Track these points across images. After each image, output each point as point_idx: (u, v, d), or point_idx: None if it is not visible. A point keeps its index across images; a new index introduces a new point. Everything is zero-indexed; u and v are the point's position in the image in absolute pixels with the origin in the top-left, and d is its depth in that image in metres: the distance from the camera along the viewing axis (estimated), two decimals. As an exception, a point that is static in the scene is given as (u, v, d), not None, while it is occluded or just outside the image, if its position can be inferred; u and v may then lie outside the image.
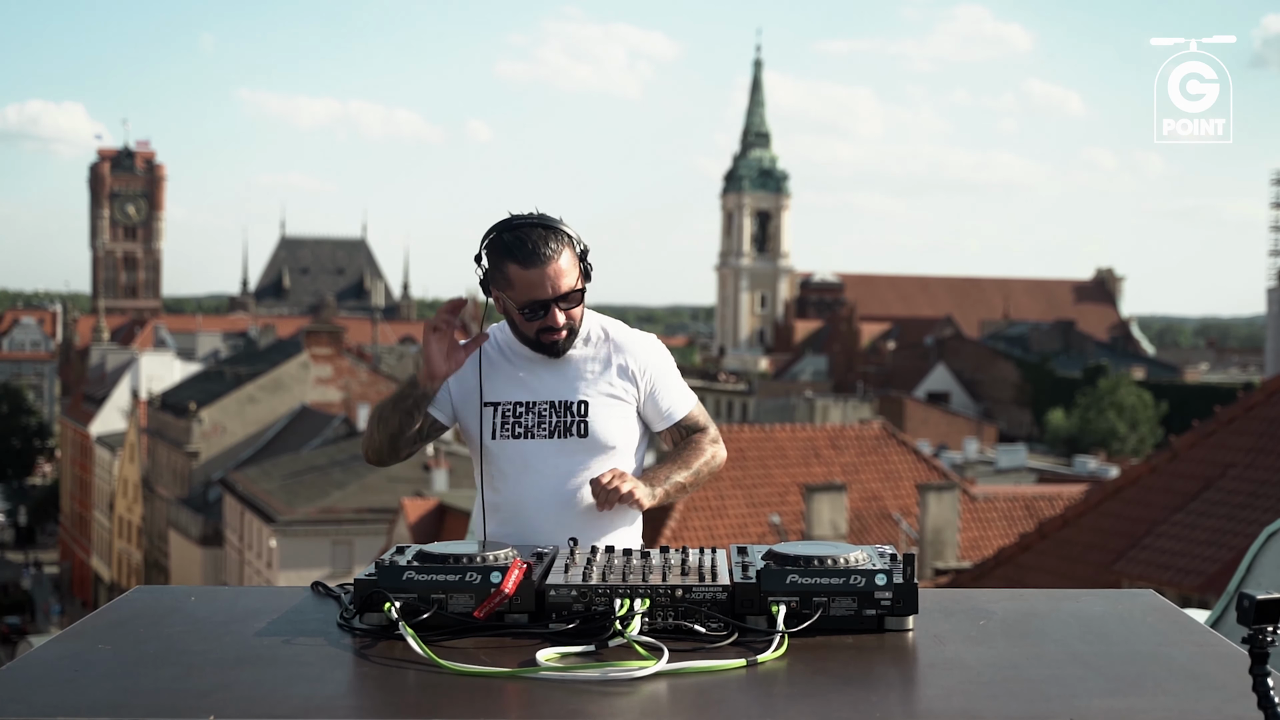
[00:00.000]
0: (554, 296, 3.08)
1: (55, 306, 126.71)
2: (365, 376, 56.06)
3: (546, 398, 3.19)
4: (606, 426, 3.19)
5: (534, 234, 3.07)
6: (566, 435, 3.18)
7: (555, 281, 3.07)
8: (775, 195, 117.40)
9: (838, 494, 25.18)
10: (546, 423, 3.18)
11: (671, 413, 3.30)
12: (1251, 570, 5.91)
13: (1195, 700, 2.13)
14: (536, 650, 2.31)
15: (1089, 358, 79.81)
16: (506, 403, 3.20)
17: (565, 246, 3.09)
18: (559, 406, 3.19)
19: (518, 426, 3.19)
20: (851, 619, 2.48)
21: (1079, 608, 2.75)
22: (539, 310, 3.10)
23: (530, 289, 3.08)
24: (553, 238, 3.08)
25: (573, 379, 3.21)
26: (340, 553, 38.18)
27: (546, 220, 3.10)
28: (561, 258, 3.08)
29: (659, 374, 3.29)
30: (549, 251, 3.06)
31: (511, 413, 3.20)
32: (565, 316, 3.12)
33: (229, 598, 2.89)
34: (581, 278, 3.14)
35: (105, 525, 65.92)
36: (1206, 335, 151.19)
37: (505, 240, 3.09)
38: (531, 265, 3.06)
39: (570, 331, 3.16)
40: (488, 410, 3.20)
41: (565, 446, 3.17)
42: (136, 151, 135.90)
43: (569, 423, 3.18)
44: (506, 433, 3.19)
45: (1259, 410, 18.34)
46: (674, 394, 3.31)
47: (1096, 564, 18.15)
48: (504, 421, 3.19)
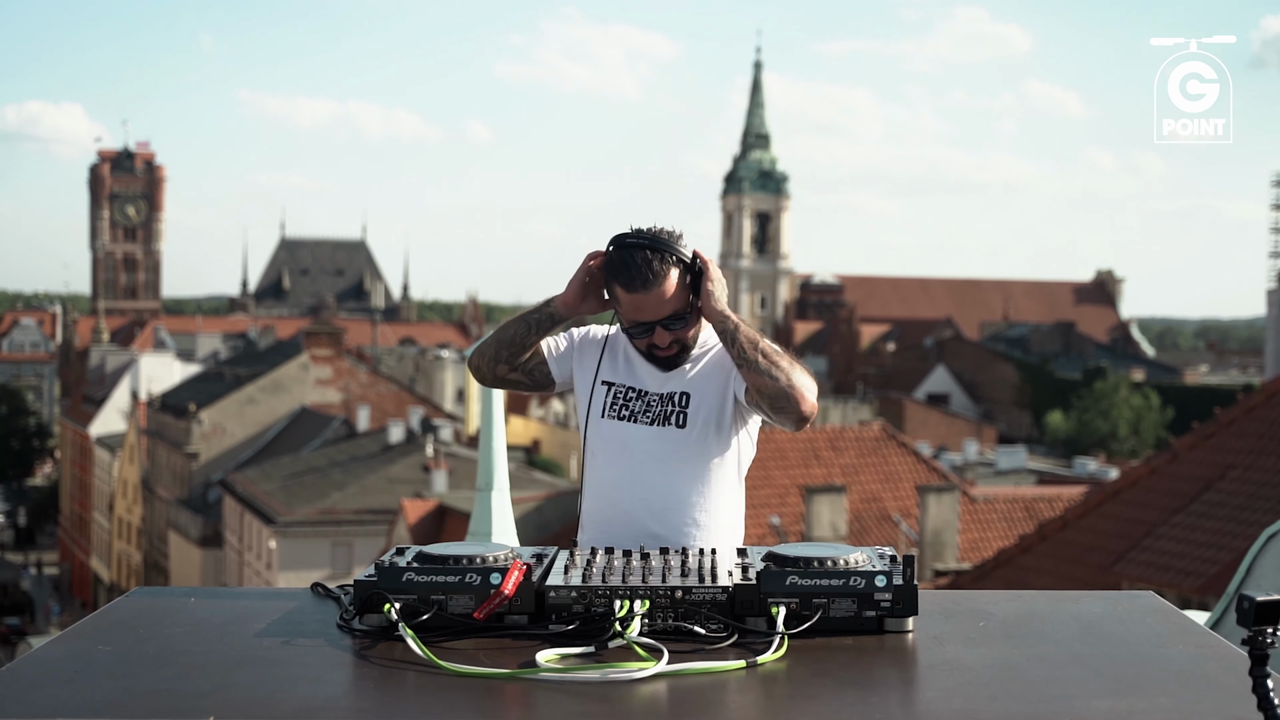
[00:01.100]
0: (657, 320, 3.09)
1: (55, 307, 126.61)
2: (365, 378, 56.09)
3: (656, 390, 3.22)
4: (705, 420, 3.18)
5: (639, 256, 3.05)
6: (665, 424, 3.18)
7: (658, 305, 3.07)
8: (775, 197, 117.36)
9: (837, 495, 25.20)
10: (651, 410, 3.20)
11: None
12: (1251, 572, 5.91)
13: (1195, 702, 2.13)
14: (536, 651, 2.31)
15: (1089, 359, 79.81)
16: (620, 385, 3.24)
17: (670, 268, 3.06)
18: (665, 398, 3.20)
19: (624, 410, 3.21)
20: (851, 620, 2.48)
21: (1079, 609, 2.75)
22: (643, 331, 3.13)
23: (633, 310, 3.10)
24: (658, 260, 3.05)
25: (684, 376, 3.22)
26: (340, 554, 38.17)
27: (656, 242, 3.07)
28: (667, 280, 3.06)
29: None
30: (651, 275, 3.05)
31: (623, 395, 3.23)
32: (672, 336, 3.13)
33: (229, 599, 2.89)
34: (691, 291, 3.11)
35: (105, 526, 65.92)
36: (1206, 337, 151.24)
37: (613, 259, 3.09)
38: (634, 289, 3.06)
39: (683, 349, 3.17)
40: (601, 389, 3.23)
41: (663, 435, 3.18)
42: (136, 152, 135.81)
43: (669, 412, 3.19)
44: (614, 413, 3.22)
45: (1259, 412, 18.34)
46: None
47: (1096, 565, 18.15)
48: (614, 402, 3.22)
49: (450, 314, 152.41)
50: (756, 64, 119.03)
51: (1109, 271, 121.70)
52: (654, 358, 3.19)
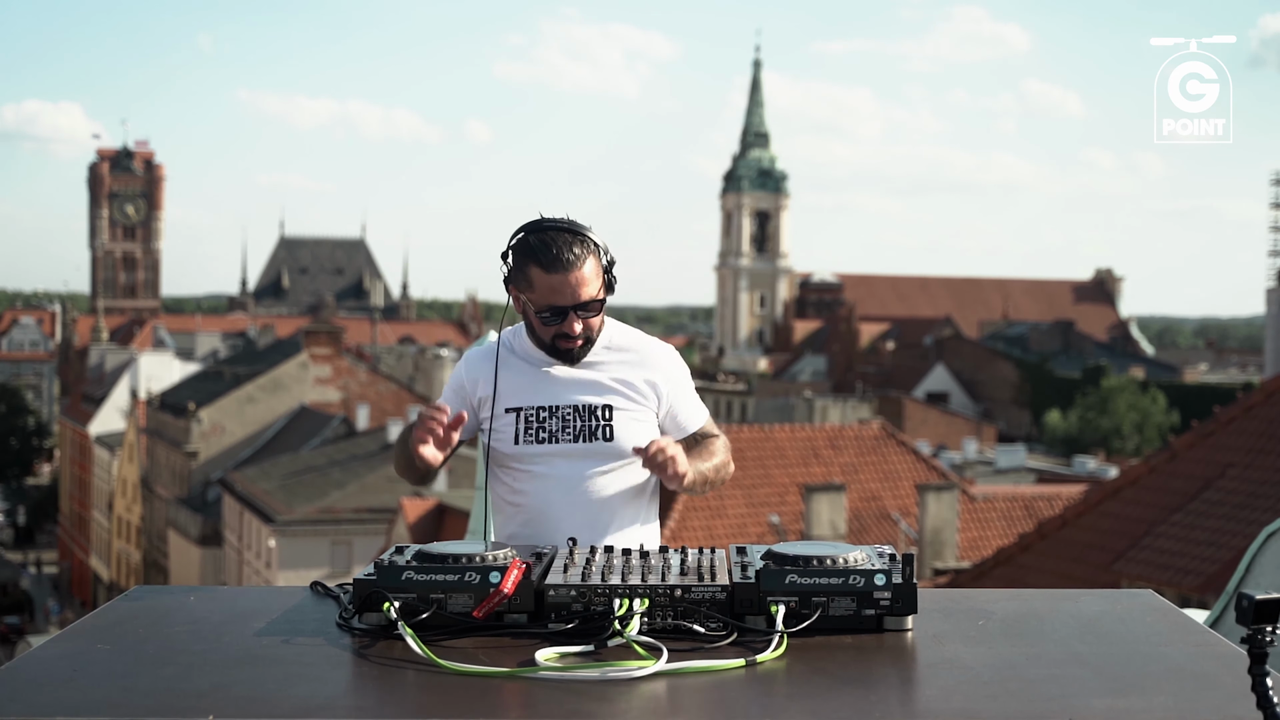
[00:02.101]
0: (573, 304, 3.07)
1: (54, 306, 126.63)
2: (364, 376, 56.08)
3: (570, 402, 3.16)
4: (631, 432, 3.16)
5: (560, 239, 3.05)
6: (591, 440, 3.14)
7: (576, 289, 3.06)
8: (774, 195, 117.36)
9: (837, 494, 25.19)
10: (571, 427, 3.15)
11: (688, 424, 3.28)
12: (1250, 570, 5.91)
13: (1194, 700, 2.13)
14: (535, 650, 2.31)
15: (1088, 358, 79.85)
16: (529, 407, 3.17)
17: (590, 255, 3.08)
18: (584, 411, 3.15)
19: (542, 431, 3.15)
20: (850, 619, 2.48)
21: (1078, 608, 2.75)
22: (557, 316, 3.09)
23: (550, 293, 3.06)
24: (578, 244, 3.06)
25: (596, 384, 3.18)
26: (339, 553, 38.18)
27: (575, 226, 3.09)
28: (585, 265, 3.06)
29: (679, 386, 3.28)
30: (572, 257, 3.04)
31: (535, 417, 3.16)
32: (583, 325, 3.10)
33: (228, 598, 2.89)
34: (604, 288, 3.12)
35: (104, 525, 65.92)
36: (1205, 335, 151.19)
37: (531, 242, 3.07)
38: (554, 270, 3.04)
39: (587, 340, 3.14)
40: (510, 416, 3.17)
41: (590, 451, 3.15)
42: (136, 151, 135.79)
43: (594, 427, 3.15)
44: (530, 438, 3.15)
45: (1258, 411, 18.36)
46: (691, 406, 3.31)
47: (1095, 564, 18.16)
48: (527, 426, 3.16)
49: (449, 313, 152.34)
50: (756, 63, 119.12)
51: (1108, 270, 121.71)
52: (556, 350, 3.14)
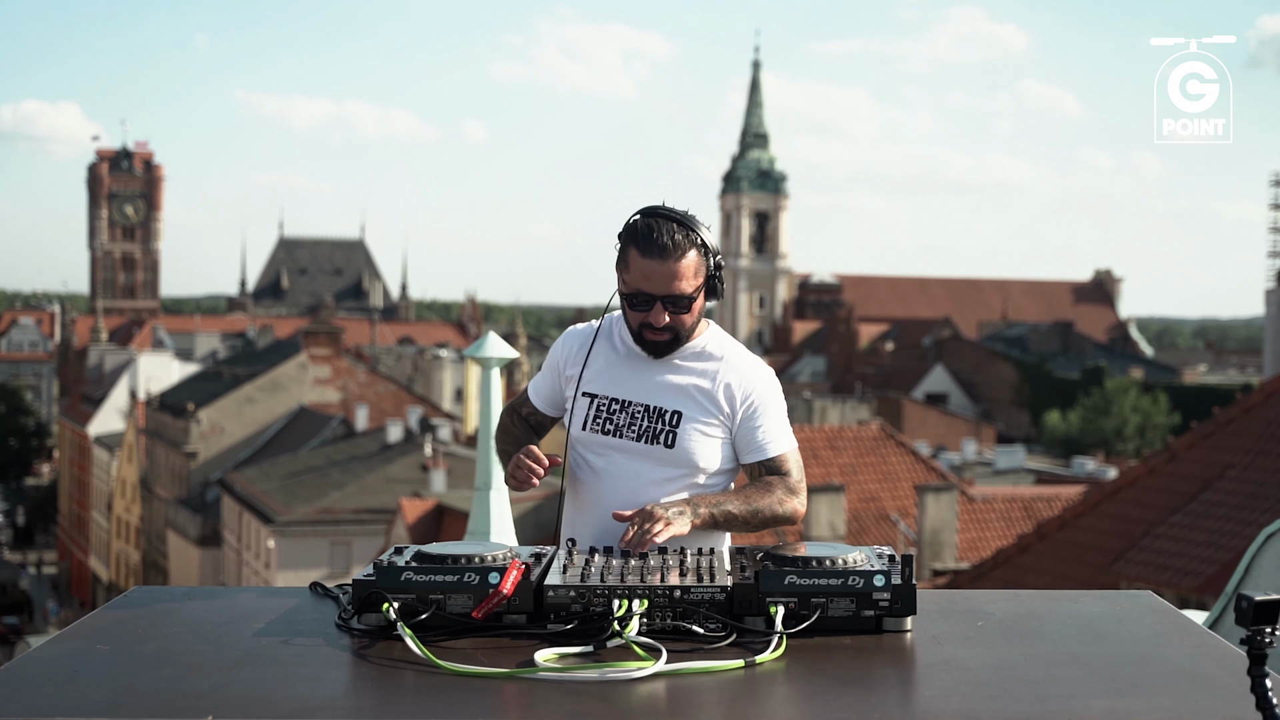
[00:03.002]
0: (662, 294, 3.01)
1: (53, 307, 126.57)
2: (363, 377, 56.07)
3: (643, 400, 3.12)
4: (694, 443, 3.09)
5: (665, 226, 3.00)
6: (653, 442, 3.10)
7: (669, 280, 2.99)
8: (774, 196, 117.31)
9: (836, 495, 25.18)
10: (637, 425, 3.11)
11: (764, 447, 3.12)
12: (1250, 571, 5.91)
13: (1193, 701, 2.13)
14: (535, 651, 2.31)
15: (1087, 359, 79.85)
16: (603, 396, 3.15)
17: (694, 249, 3.00)
18: (653, 412, 3.11)
19: (609, 423, 3.13)
20: (849, 620, 2.48)
21: (1077, 609, 2.75)
22: (644, 303, 3.03)
23: (642, 279, 3.01)
24: (682, 234, 2.99)
25: (674, 388, 3.12)
26: (338, 553, 38.15)
27: (687, 219, 3.02)
28: (684, 258, 2.99)
29: (763, 404, 3.13)
30: (671, 245, 2.98)
31: (606, 408, 3.14)
32: (671, 319, 3.04)
33: (227, 598, 2.89)
34: (703, 288, 3.04)
35: (103, 526, 65.88)
36: (1205, 336, 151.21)
37: (637, 225, 3.02)
38: (649, 255, 2.99)
39: (675, 337, 3.07)
40: (583, 400, 3.16)
41: (650, 453, 3.10)
42: (135, 152, 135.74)
43: (658, 430, 3.10)
44: (597, 427, 3.14)
45: (1257, 412, 18.35)
46: (772, 430, 3.13)
47: (1095, 565, 18.15)
48: (596, 414, 3.14)
49: (449, 313, 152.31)
50: (755, 63, 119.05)
51: (1107, 271, 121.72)
52: (643, 340, 3.10)
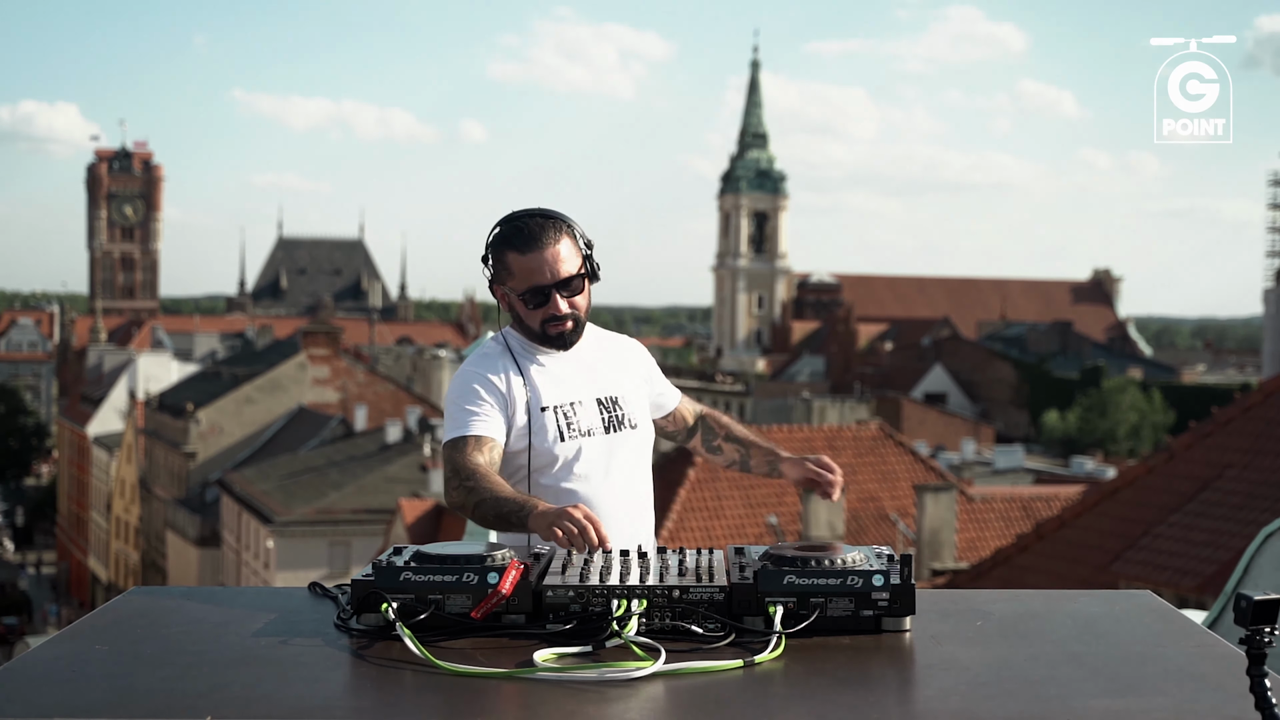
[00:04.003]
0: (554, 281, 3.07)
1: (52, 307, 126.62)
2: (362, 377, 56.06)
3: (591, 394, 3.19)
4: (643, 416, 3.28)
5: (532, 222, 3.09)
6: (619, 429, 3.18)
7: (554, 266, 3.07)
8: (773, 196, 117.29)
9: (835, 495, 25.16)
10: (600, 419, 3.17)
11: (668, 402, 3.42)
12: (1249, 571, 5.92)
13: (1192, 701, 2.13)
14: (533, 651, 2.30)
15: (1086, 358, 79.87)
16: (562, 403, 3.15)
17: (565, 235, 3.10)
18: (604, 402, 3.19)
19: (579, 426, 3.15)
20: (849, 620, 2.48)
21: (1076, 608, 2.75)
22: (540, 297, 3.08)
23: (529, 275, 3.07)
24: (551, 225, 3.09)
25: (602, 375, 3.21)
26: (337, 553, 38.15)
27: (544, 210, 3.12)
28: (561, 244, 3.08)
29: (652, 365, 3.39)
30: (546, 238, 3.07)
31: (565, 412, 3.15)
32: (569, 304, 3.10)
33: (226, 598, 2.88)
34: (584, 267, 3.13)
35: (103, 526, 65.87)
36: (1204, 336, 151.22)
37: (504, 231, 3.11)
38: (529, 250, 3.06)
39: (576, 322, 3.13)
40: (545, 414, 3.13)
41: (622, 441, 3.19)
42: (134, 152, 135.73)
43: (619, 416, 3.19)
44: (573, 434, 3.14)
45: (1256, 411, 18.35)
46: (666, 383, 3.43)
47: (1093, 565, 18.16)
48: (567, 423, 3.14)
49: (448, 313, 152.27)
50: (754, 63, 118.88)
51: (1106, 271, 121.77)
52: (547, 336, 3.12)
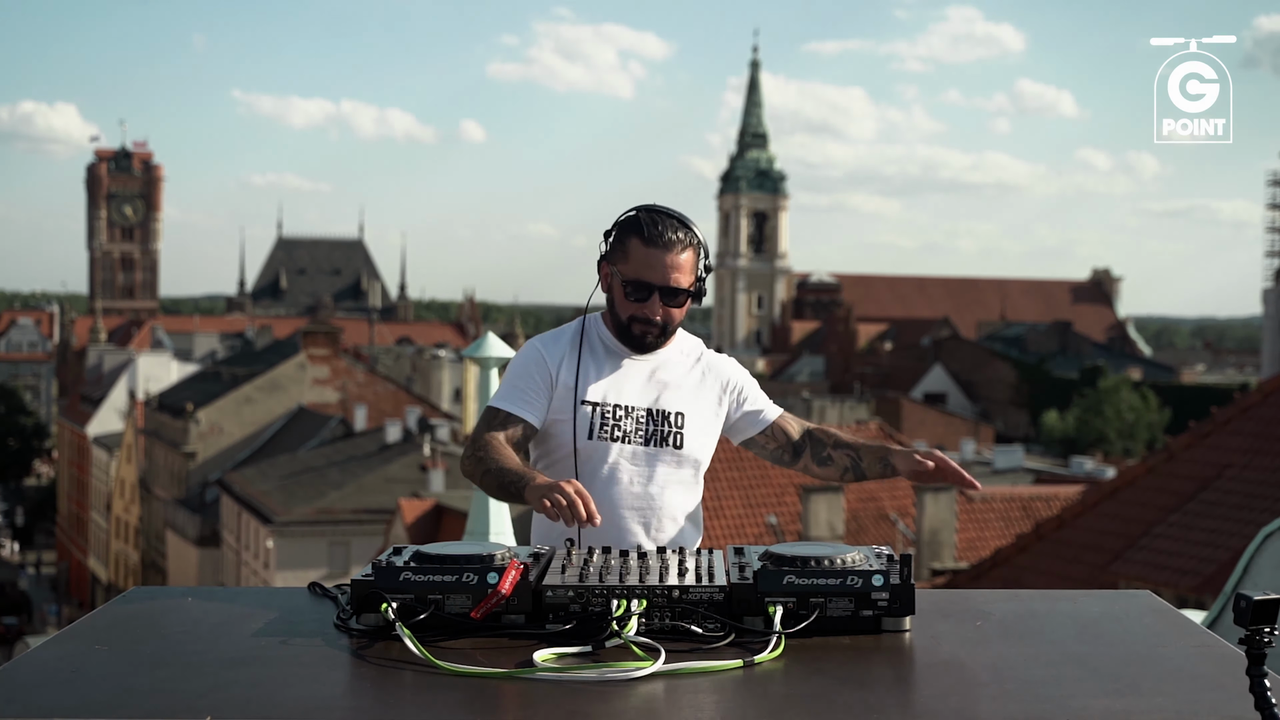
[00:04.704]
0: (662, 284, 3.06)
1: (52, 307, 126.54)
2: (362, 377, 56.06)
3: (644, 404, 3.16)
4: (699, 441, 3.20)
5: (669, 221, 3.08)
6: (662, 445, 3.15)
7: (669, 271, 3.06)
8: (772, 196, 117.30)
9: (835, 495, 25.19)
10: (644, 430, 3.15)
11: (769, 414, 3.30)
12: (1248, 571, 5.92)
13: (1192, 701, 2.13)
14: (533, 651, 2.30)
15: (1086, 358, 79.89)
16: (606, 404, 3.15)
17: (693, 249, 3.09)
18: (656, 415, 3.16)
19: (616, 430, 3.14)
20: (848, 620, 2.48)
21: (1076, 608, 2.75)
22: (643, 293, 3.08)
23: (644, 268, 3.07)
24: (684, 232, 3.08)
25: (670, 388, 3.18)
26: (337, 553, 38.15)
27: (686, 219, 3.11)
28: (684, 254, 3.08)
29: (748, 385, 3.31)
30: (675, 239, 3.06)
31: (611, 414, 3.15)
32: (664, 313, 3.10)
33: (226, 598, 2.88)
34: (696, 285, 3.12)
35: (102, 526, 65.86)
36: (1203, 336, 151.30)
37: (640, 217, 3.09)
38: (653, 245, 3.06)
39: (663, 332, 3.13)
40: (585, 409, 3.14)
41: (660, 455, 3.15)
42: (134, 152, 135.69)
43: (665, 433, 3.15)
44: (605, 435, 3.13)
45: (1255, 411, 18.36)
46: (764, 399, 3.33)
47: (1093, 565, 18.16)
48: (602, 423, 3.14)
49: (447, 313, 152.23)
50: (754, 63, 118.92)
51: (1106, 271, 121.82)
52: (630, 333, 3.13)
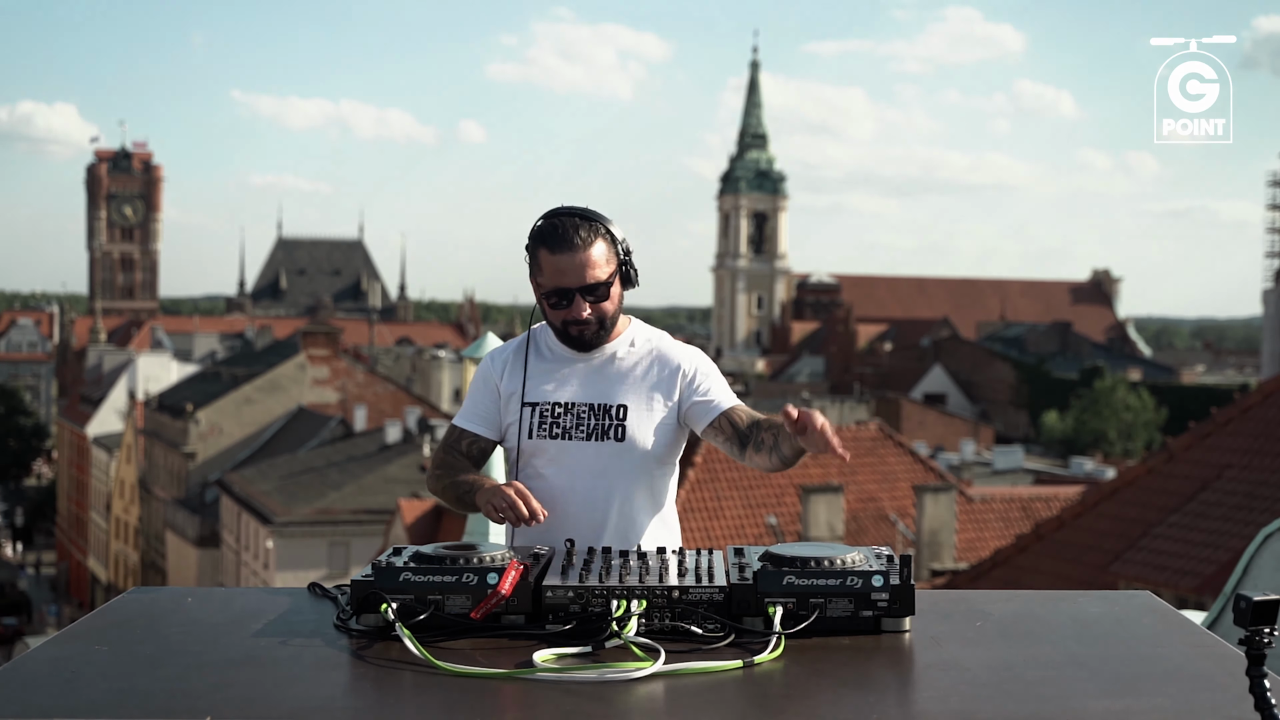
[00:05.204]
0: (578, 286, 3.06)
1: (52, 307, 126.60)
2: (362, 378, 56.05)
3: (586, 400, 3.17)
4: (643, 432, 3.16)
5: (568, 222, 3.07)
6: (604, 438, 3.15)
7: (581, 270, 3.05)
8: (772, 196, 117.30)
9: (834, 495, 25.18)
10: (585, 425, 3.15)
11: (720, 403, 3.18)
12: (1248, 571, 5.92)
13: (1192, 701, 2.13)
14: (533, 651, 2.31)
15: (1085, 359, 79.88)
16: (545, 403, 3.18)
17: (600, 239, 3.08)
18: (598, 409, 3.16)
19: (555, 427, 3.16)
20: (848, 620, 2.48)
21: (1076, 609, 2.75)
22: (562, 299, 3.09)
23: (556, 275, 3.07)
24: (586, 227, 3.07)
25: (614, 382, 3.18)
26: (337, 554, 38.14)
27: (586, 212, 3.10)
28: (593, 248, 3.06)
29: (702, 374, 3.22)
30: (578, 240, 3.05)
31: (550, 413, 3.17)
32: (591, 309, 3.10)
33: (226, 599, 2.89)
34: (619, 277, 3.12)
35: (102, 526, 65.85)
36: (1203, 337, 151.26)
37: (541, 228, 3.09)
38: (559, 250, 3.05)
39: (600, 326, 3.13)
40: (527, 410, 3.18)
41: (602, 450, 3.15)
42: (133, 153, 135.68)
43: (607, 425, 3.15)
44: (544, 433, 3.16)
45: (1255, 412, 18.36)
46: (720, 389, 3.22)
47: (1093, 565, 18.16)
48: (541, 421, 3.16)
49: (447, 314, 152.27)
50: (753, 64, 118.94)
51: (1106, 271, 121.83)
52: (569, 337, 3.14)
